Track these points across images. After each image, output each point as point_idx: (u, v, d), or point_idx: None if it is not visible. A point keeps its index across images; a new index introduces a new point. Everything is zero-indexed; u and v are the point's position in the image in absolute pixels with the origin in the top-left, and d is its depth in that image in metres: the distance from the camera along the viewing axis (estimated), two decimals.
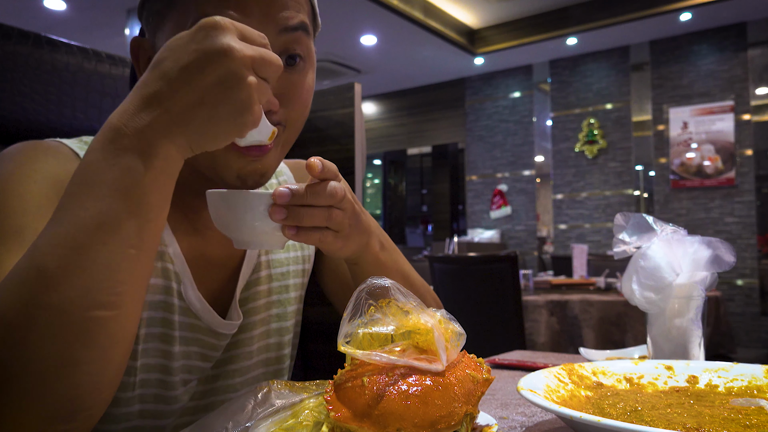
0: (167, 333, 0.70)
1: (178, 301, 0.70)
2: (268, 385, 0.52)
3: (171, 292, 0.69)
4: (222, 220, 0.61)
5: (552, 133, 7.12)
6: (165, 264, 0.69)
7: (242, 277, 0.77)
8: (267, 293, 0.80)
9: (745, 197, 5.96)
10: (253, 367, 0.79)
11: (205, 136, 0.50)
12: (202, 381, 0.76)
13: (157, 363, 0.70)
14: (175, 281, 0.70)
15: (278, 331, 0.81)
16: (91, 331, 0.47)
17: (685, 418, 0.54)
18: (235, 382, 0.77)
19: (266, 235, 0.60)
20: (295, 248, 0.86)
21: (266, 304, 0.80)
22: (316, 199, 0.58)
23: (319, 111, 1.35)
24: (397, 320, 0.52)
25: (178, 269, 0.70)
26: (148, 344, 0.69)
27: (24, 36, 0.95)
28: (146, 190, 0.49)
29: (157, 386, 0.71)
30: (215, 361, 0.76)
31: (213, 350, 0.74)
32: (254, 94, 0.49)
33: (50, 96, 0.97)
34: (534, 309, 3.22)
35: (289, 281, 0.83)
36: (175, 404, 0.72)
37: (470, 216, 7.71)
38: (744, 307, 5.98)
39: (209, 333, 0.73)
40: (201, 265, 0.73)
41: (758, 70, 5.94)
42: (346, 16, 5.73)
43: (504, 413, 0.73)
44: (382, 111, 8.67)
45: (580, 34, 6.25)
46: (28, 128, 0.97)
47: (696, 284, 0.83)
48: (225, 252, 0.76)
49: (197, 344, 0.72)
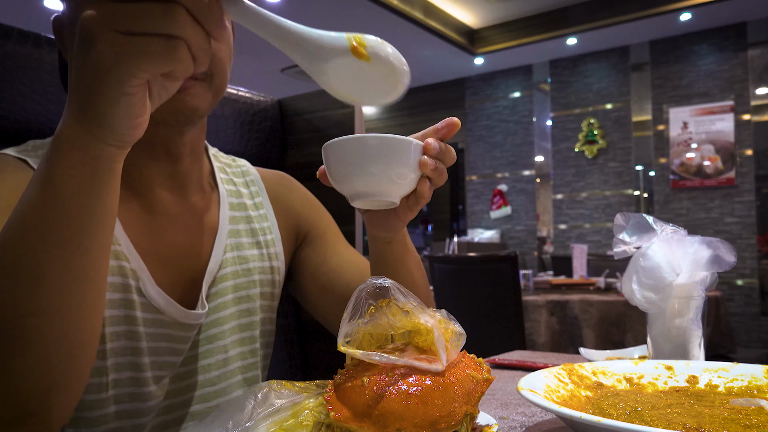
0: (132, 330, 0.69)
1: (138, 298, 0.70)
2: (268, 385, 0.52)
3: (130, 289, 0.69)
4: (351, 169, 0.59)
5: (552, 133, 7.12)
6: (120, 262, 0.69)
7: (209, 272, 0.77)
8: (234, 288, 0.80)
9: (745, 197, 5.96)
10: (230, 360, 0.79)
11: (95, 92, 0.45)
12: (181, 377, 0.76)
13: (128, 361, 0.70)
14: (132, 278, 0.69)
15: (249, 325, 0.82)
16: (25, 340, 0.46)
17: (685, 418, 0.54)
18: (212, 375, 0.77)
19: (401, 185, 0.61)
20: (262, 258, 0.86)
21: (235, 299, 0.80)
22: (446, 159, 0.63)
23: (319, 111, 1.35)
24: (397, 320, 0.52)
25: (135, 266, 0.69)
26: (115, 343, 0.69)
27: (24, 36, 0.95)
28: (61, 178, 0.46)
29: (130, 384, 0.71)
30: (189, 356, 0.76)
31: (181, 343, 0.74)
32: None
33: (50, 96, 0.97)
34: (534, 309, 3.21)
35: (255, 277, 0.83)
36: (150, 401, 0.72)
37: (470, 216, 7.71)
38: (744, 307, 5.98)
39: (175, 326, 0.73)
40: (160, 260, 0.73)
41: (758, 70, 5.94)
42: (346, 16, 5.73)
43: (504, 413, 0.73)
44: (382, 111, 8.67)
45: (580, 34, 6.25)
46: (28, 128, 0.97)
47: (696, 284, 0.83)
48: (185, 245, 0.76)
49: (165, 339, 0.72)
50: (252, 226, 0.85)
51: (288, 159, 1.41)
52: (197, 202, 0.79)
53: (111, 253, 0.67)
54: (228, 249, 0.81)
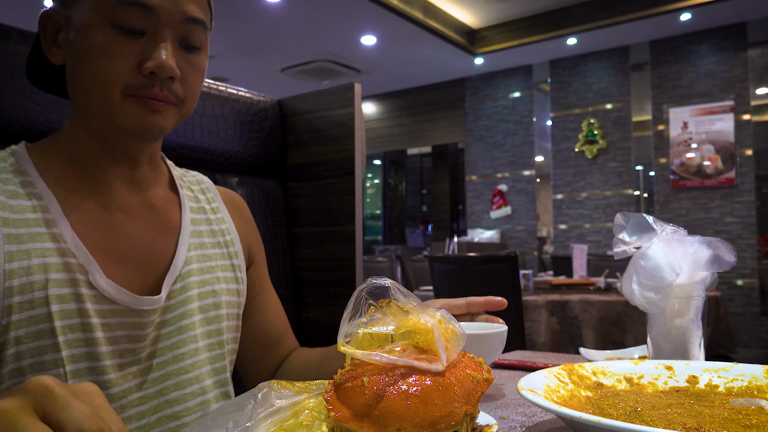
0: (86, 322, 0.72)
1: (88, 291, 0.72)
2: (268, 385, 0.52)
3: (78, 283, 0.71)
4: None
5: (552, 133, 7.12)
6: (66, 258, 0.71)
7: (174, 267, 0.81)
8: (199, 284, 0.84)
9: (745, 197, 5.96)
10: (200, 351, 0.82)
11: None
12: (159, 366, 0.79)
13: (83, 352, 0.72)
14: (79, 272, 0.71)
15: (216, 318, 0.85)
16: None
17: (685, 418, 0.54)
18: (186, 364, 0.81)
19: None
20: (223, 257, 0.90)
21: (200, 294, 0.83)
22: None
23: (319, 111, 1.35)
24: (397, 320, 0.52)
25: (82, 261, 0.72)
26: (69, 335, 0.70)
27: (24, 36, 0.95)
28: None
29: (89, 374, 0.72)
30: (163, 346, 0.79)
31: (139, 329, 0.76)
32: None
33: (50, 96, 0.97)
34: (534, 309, 3.21)
35: (218, 274, 0.87)
36: (112, 388, 0.73)
37: (470, 216, 7.71)
38: (744, 307, 5.98)
39: (130, 313, 0.75)
40: (114, 254, 0.76)
41: (758, 70, 5.94)
42: (346, 16, 5.73)
43: (504, 413, 0.73)
44: (382, 111, 8.67)
45: (580, 34, 6.25)
46: (28, 128, 0.97)
47: (696, 284, 0.83)
48: (144, 241, 0.79)
49: (121, 327, 0.75)
50: (212, 227, 0.90)
51: (288, 159, 1.41)
52: (157, 203, 0.83)
53: (56, 251, 0.70)
54: (192, 248, 0.85)
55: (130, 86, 0.70)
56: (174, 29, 0.72)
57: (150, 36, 0.71)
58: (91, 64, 0.70)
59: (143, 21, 0.70)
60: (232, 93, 1.30)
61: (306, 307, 1.37)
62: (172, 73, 0.71)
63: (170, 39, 0.72)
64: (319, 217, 1.34)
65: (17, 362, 0.68)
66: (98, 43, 0.69)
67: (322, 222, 1.34)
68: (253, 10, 5.53)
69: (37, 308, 0.68)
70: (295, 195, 1.39)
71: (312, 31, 6.12)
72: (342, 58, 6.90)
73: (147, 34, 0.71)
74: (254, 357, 0.97)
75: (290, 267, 1.37)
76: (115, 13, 0.69)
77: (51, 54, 0.75)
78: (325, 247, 1.33)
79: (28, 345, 0.68)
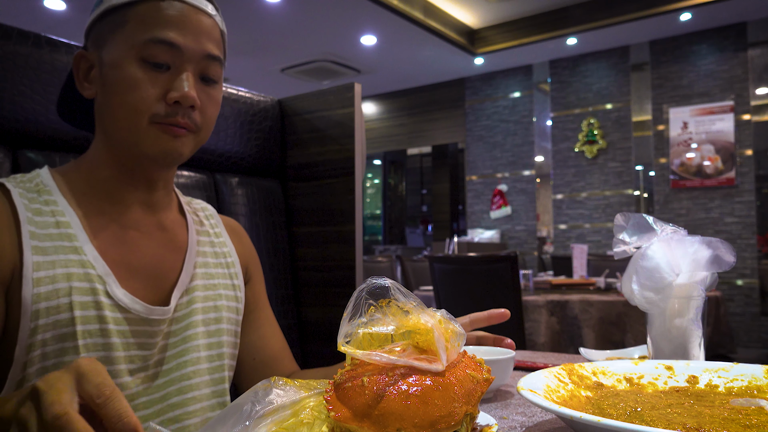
0: (104, 328, 0.78)
1: (106, 300, 0.79)
2: (269, 383, 0.52)
3: (98, 293, 0.78)
4: None
5: (552, 133, 7.12)
6: (86, 270, 0.78)
7: (181, 282, 0.88)
8: (203, 299, 0.91)
9: (745, 197, 5.96)
10: (202, 360, 0.89)
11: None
12: (165, 372, 0.85)
13: (100, 356, 0.78)
14: (98, 282, 0.78)
15: (217, 331, 0.92)
16: None
17: (685, 418, 0.54)
18: (188, 371, 0.87)
19: None
20: (225, 276, 0.97)
21: (203, 308, 0.91)
22: None
23: (319, 111, 1.35)
24: (397, 320, 0.52)
25: (101, 272, 0.79)
26: (88, 339, 0.77)
27: (24, 36, 0.95)
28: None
29: None
30: (170, 354, 0.86)
31: (149, 337, 0.83)
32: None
33: (50, 96, 0.98)
34: (534, 309, 3.21)
35: (220, 291, 0.94)
36: (125, 390, 0.80)
37: (470, 216, 7.71)
38: (744, 307, 5.98)
39: (141, 322, 0.82)
40: (130, 268, 0.83)
41: (758, 70, 5.94)
42: (346, 16, 5.73)
43: (504, 413, 0.73)
44: (382, 111, 8.67)
45: (580, 34, 6.25)
46: (28, 128, 0.97)
47: (696, 284, 0.83)
48: (156, 258, 0.86)
49: (134, 335, 0.82)
50: (215, 249, 0.98)
51: (288, 159, 1.41)
52: (168, 224, 0.91)
53: (77, 262, 0.77)
54: (197, 265, 0.92)
55: (156, 115, 0.78)
56: (195, 64, 0.81)
57: (174, 70, 0.79)
58: (121, 95, 0.78)
59: (169, 57, 0.78)
60: (232, 93, 1.30)
61: (306, 307, 1.37)
62: (193, 102, 0.79)
63: (192, 73, 0.80)
64: (319, 217, 1.34)
65: (42, 362, 0.74)
66: (129, 77, 0.78)
67: (322, 222, 1.34)
68: (253, 10, 5.53)
69: (62, 313, 0.75)
70: (295, 195, 1.39)
71: (312, 31, 6.12)
72: (342, 58, 6.89)
73: (172, 68, 0.79)
74: (249, 372, 1.02)
75: (290, 267, 1.37)
76: (144, 50, 0.77)
77: (83, 89, 0.84)
78: (325, 247, 1.33)
79: (52, 347, 0.75)
